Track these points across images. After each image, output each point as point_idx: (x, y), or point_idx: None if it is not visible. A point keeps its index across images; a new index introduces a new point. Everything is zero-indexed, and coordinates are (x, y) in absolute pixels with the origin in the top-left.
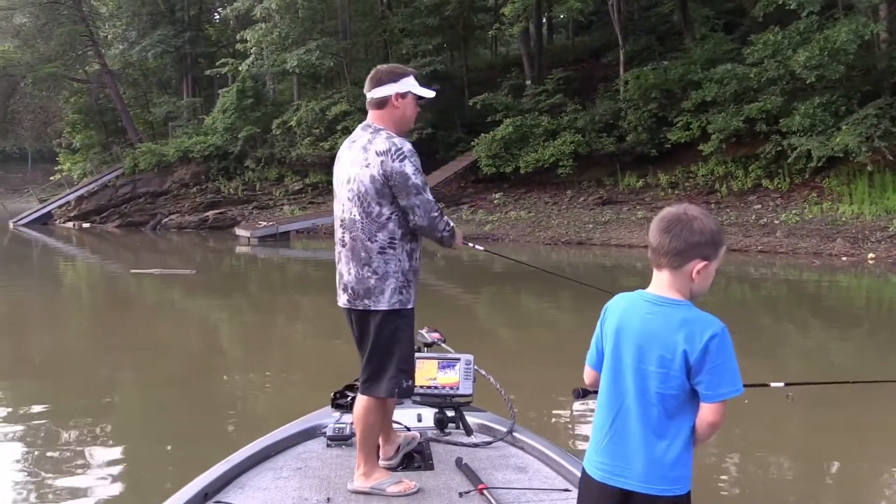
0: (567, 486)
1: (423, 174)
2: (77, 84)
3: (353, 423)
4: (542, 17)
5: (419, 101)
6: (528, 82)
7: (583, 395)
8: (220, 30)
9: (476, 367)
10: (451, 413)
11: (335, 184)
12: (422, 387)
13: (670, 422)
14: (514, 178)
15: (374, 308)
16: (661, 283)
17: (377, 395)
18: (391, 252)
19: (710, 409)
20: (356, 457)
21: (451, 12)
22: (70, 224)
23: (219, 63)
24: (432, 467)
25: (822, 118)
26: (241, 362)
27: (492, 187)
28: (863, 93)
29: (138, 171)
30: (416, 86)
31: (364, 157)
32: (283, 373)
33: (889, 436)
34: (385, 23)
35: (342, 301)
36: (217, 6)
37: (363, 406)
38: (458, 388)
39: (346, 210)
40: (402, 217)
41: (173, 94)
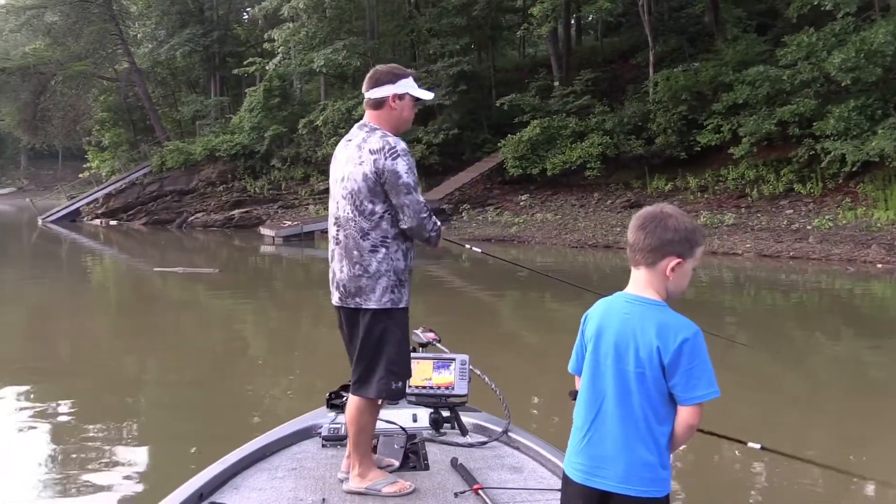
0: None
1: (415, 175)
2: (106, 82)
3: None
4: (571, 17)
5: (417, 102)
6: (555, 83)
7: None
8: (249, 29)
9: (471, 367)
10: (446, 413)
11: (331, 182)
12: (417, 387)
13: (649, 423)
14: (541, 180)
15: (364, 306)
16: (639, 282)
17: (367, 396)
18: (383, 251)
19: (688, 412)
20: (346, 458)
21: (478, 12)
22: (97, 221)
23: (246, 62)
24: (428, 467)
25: (858, 122)
26: (264, 363)
27: (518, 189)
28: None
29: (165, 170)
30: (414, 87)
31: (358, 156)
32: (308, 374)
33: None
34: (412, 23)
35: (334, 299)
36: (246, 6)
37: (355, 407)
38: (453, 389)
39: (340, 208)
40: (395, 216)
41: (201, 93)
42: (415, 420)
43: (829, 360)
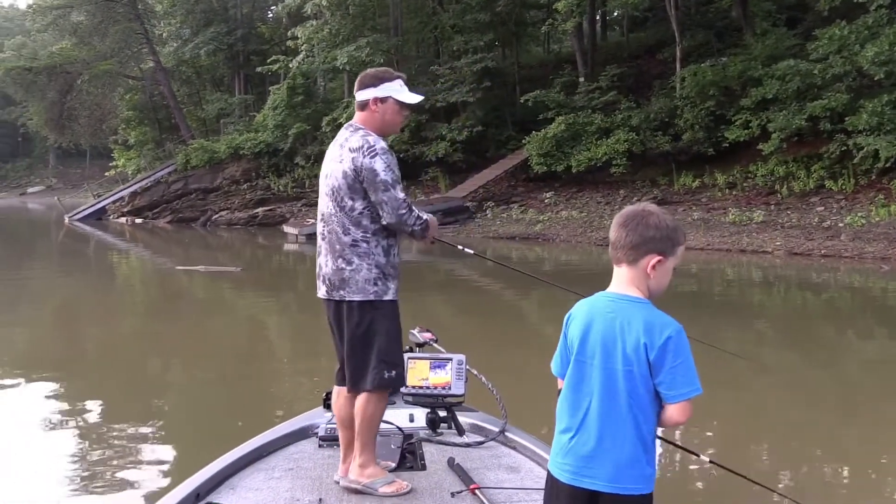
0: None
1: (394, 172)
2: (131, 81)
3: None
4: (596, 12)
5: (405, 106)
6: (580, 79)
7: None
8: (273, 27)
9: (468, 366)
10: (443, 413)
11: (319, 179)
12: (414, 387)
13: (637, 421)
14: (566, 177)
15: (347, 299)
16: (621, 280)
17: (363, 389)
18: (364, 246)
19: (675, 409)
20: (342, 462)
21: (502, 8)
22: (123, 219)
23: (270, 60)
24: (424, 467)
25: (891, 116)
26: (287, 363)
27: (543, 186)
28: None
29: (190, 168)
30: (398, 91)
31: (339, 154)
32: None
33: None
34: (436, 19)
35: (321, 293)
36: (269, 4)
37: (362, 400)
38: (449, 388)
39: (325, 204)
40: (375, 213)
41: (225, 91)
42: (411, 420)
43: (862, 362)
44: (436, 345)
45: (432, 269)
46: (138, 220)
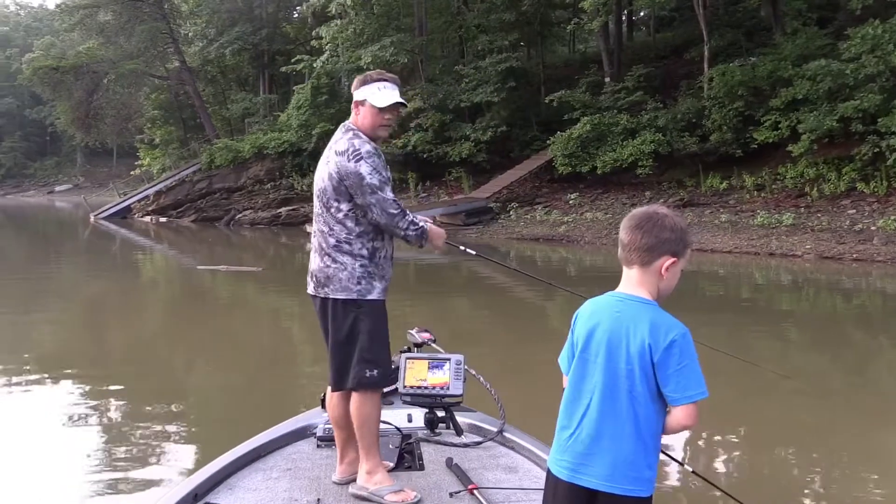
0: None
1: (382, 174)
2: (157, 81)
3: None
4: (623, 12)
5: (385, 109)
6: (606, 79)
7: None
8: (297, 27)
9: (466, 367)
10: (441, 413)
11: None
12: (412, 387)
13: (637, 422)
14: (591, 179)
15: (332, 296)
16: (631, 281)
17: (346, 388)
18: (347, 247)
19: (682, 412)
20: (339, 463)
21: (527, 8)
22: (148, 218)
23: (294, 60)
24: (423, 468)
25: None
26: (300, 365)
27: (567, 187)
28: None
29: (214, 167)
30: (373, 94)
31: (327, 156)
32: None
33: None
34: (461, 19)
35: (309, 288)
36: (294, 3)
37: (355, 402)
38: (448, 389)
39: (315, 204)
40: (361, 215)
41: (250, 90)
42: (410, 420)
43: (893, 367)
44: (434, 345)
45: (454, 269)
46: (163, 219)
